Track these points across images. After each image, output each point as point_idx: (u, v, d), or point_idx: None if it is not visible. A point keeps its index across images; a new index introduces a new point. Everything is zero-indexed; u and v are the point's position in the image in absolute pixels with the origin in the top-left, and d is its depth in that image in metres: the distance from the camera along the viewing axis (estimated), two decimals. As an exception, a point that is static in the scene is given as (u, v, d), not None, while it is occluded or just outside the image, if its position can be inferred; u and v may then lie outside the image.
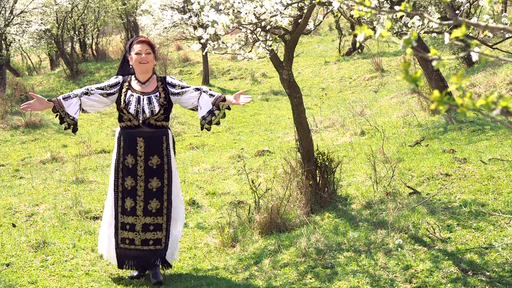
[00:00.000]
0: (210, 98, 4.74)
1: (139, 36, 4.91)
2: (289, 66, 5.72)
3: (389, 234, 4.92)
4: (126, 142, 4.78)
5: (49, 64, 20.55)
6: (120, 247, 4.83)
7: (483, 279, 4.20)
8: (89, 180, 7.76)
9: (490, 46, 5.41)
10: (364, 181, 6.28)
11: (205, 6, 4.82)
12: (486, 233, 4.77)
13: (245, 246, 5.28)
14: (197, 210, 6.44)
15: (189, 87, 4.82)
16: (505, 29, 1.88)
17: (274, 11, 4.82)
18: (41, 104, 4.72)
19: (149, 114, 4.74)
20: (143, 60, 4.76)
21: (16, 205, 6.76)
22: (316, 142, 7.03)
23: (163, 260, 4.85)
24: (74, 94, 4.80)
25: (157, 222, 4.80)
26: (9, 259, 5.26)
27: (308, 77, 16.02)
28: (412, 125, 8.64)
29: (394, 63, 15.10)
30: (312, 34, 20.60)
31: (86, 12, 18.54)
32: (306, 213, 5.61)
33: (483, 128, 7.72)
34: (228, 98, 4.72)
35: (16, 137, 10.93)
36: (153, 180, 4.78)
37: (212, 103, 4.73)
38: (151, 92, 4.80)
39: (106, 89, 4.83)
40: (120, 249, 4.84)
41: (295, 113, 5.85)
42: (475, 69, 11.03)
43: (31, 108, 4.72)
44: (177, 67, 18.05)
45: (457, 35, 1.81)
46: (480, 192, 5.50)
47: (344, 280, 4.44)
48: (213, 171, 7.86)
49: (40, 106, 4.72)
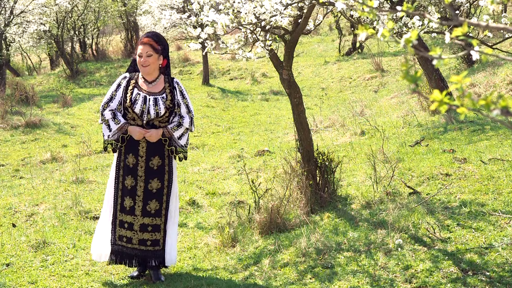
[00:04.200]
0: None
1: (144, 36, 4.82)
2: (289, 66, 5.72)
3: (389, 234, 4.92)
4: (128, 141, 4.77)
5: (49, 64, 20.55)
6: (117, 243, 4.83)
7: (483, 279, 4.20)
8: (89, 180, 7.76)
9: (490, 46, 5.40)
10: (364, 181, 6.28)
11: (204, 6, 4.82)
12: (486, 233, 4.77)
13: (245, 246, 5.28)
14: (197, 210, 6.44)
15: (185, 116, 4.82)
16: (505, 29, 1.88)
17: (274, 11, 4.82)
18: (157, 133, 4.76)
19: (154, 115, 4.72)
20: (144, 63, 4.73)
21: (16, 205, 6.76)
22: (316, 142, 7.03)
23: (161, 261, 4.84)
24: (114, 113, 4.80)
25: (155, 223, 4.79)
26: (9, 259, 5.26)
27: (308, 77, 16.02)
28: (412, 125, 8.64)
29: (394, 63, 15.10)
30: (312, 34, 20.60)
31: (86, 12, 18.54)
32: (306, 213, 5.61)
33: (483, 128, 7.72)
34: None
35: (16, 137, 10.93)
36: (153, 181, 4.77)
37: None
38: (158, 92, 4.76)
39: (115, 96, 4.81)
40: (117, 245, 4.83)
41: (295, 113, 5.85)
42: (475, 69, 11.03)
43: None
44: (177, 67, 18.04)
45: (458, 34, 1.81)
46: (480, 192, 5.50)
47: (344, 280, 4.44)
48: (213, 171, 7.86)
49: (157, 135, 4.74)
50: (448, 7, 1.87)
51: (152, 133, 4.70)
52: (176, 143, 4.80)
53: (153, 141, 4.73)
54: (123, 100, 4.76)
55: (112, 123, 4.73)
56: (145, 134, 4.69)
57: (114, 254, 4.85)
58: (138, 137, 4.70)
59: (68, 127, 11.85)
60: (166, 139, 4.77)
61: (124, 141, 4.75)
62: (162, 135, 4.74)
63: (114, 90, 4.80)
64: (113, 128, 4.73)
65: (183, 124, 4.78)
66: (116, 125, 4.72)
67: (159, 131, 4.71)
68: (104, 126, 4.78)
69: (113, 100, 4.78)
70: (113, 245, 4.85)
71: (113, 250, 4.85)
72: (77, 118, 12.68)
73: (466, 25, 1.78)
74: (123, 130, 4.73)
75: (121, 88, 4.79)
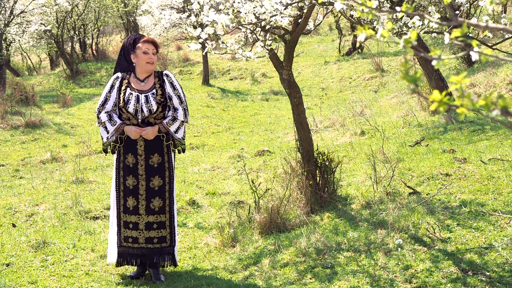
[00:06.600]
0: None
1: (143, 35, 4.90)
2: (289, 66, 5.72)
3: (389, 234, 4.92)
4: (125, 141, 4.78)
5: (49, 64, 20.55)
6: (123, 245, 4.84)
7: (483, 279, 4.20)
8: (89, 180, 7.76)
9: (489, 46, 5.40)
10: (364, 181, 6.28)
11: (204, 6, 4.82)
12: (486, 233, 4.77)
13: (245, 246, 5.28)
14: (197, 210, 6.44)
15: (178, 108, 4.82)
16: (505, 29, 1.88)
17: (274, 11, 4.82)
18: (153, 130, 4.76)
19: (147, 113, 4.73)
20: (151, 60, 4.77)
21: (16, 205, 6.76)
22: (316, 142, 7.03)
23: (172, 257, 4.85)
24: (109, 115, 4.80)
25: (160, 220, 4.81)
26: (9, 259, 5.26)
27: (308, 77, 16.03)
28: (412, 125, 8.64)
29: (394, 63, 15.10)
30: (312, 34, 20.60)
31: (86, 12, 18.54)
32: (306, 213, 5.61)
33: (483, 128, 7.72)
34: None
35: (16, 137, 10.93)
36: (155, 178, 4.78)
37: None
38: (148, 90, 4.79)
39: (110, 97, 4.82)
40: (122, 247, 4.84)
41: (295, 113, 5.85)
42: (475, 69, 11.03)
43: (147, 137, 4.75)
44: (177, 67, 18.05)
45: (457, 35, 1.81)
46: (480, 192, 5.50)
47: (344, 280, 4.44)
48: (213, 171, 7.86)
49: (153, 133, 4.75)
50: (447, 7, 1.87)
51: (148, 131, 4.71)
52: (174, 137, 4.81)
53: (150, 139, 4.74)
54: (117, 100, 4.78)
55: (108, 125, 4.75)
56: (142, 132, 4.71)
57: (121, 256, 4.85)
58: (135, 136, 4.71)
59: (68, 127, 11.85)
60: (163, 134, 4.78)
61: (122, 141, 4.76)
62: (159, 131, 4.75)
63: (108, 92, 4.82)
64: (110, 130, 4.75)
65: (177, 117, 4.80)
66: (113, 127, 4.74)
67: (155, 128, 4.73)
68: (102, 129, 4.80)
69: (108, 102, 4.80)
70: (119, 247, 4.85)
71: (120, 252, 4.85)
72: (77, 118, 12.69)
73: (466, 26, 1.78)
74: (120, 131, 4.75)
75: (115, 89, 4.81)
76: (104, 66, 18.59)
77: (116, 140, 4.78)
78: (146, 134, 4.72)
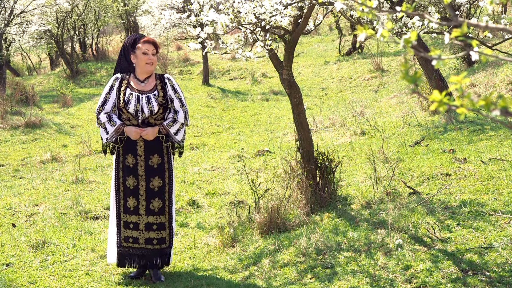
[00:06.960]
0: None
1: (144, 36, 4.89)
2: (289, 66, 5.72)
3: (389, 234, 4.92)
4: (125, 141, 4.78)
5: (49, 64, 20.56)
6: (123, 245, 4.84)
7: (483, 279, 4.20)
8: (89, 180, 7.76)
9: (489, 46, 5.39)
10: (364, 181, 6.28)
11: (204, 6, 4.82)
12: (486, 233, 4.77)
13: (245, 246, 5.28)
14: (197, 210, 6.44)
15: (179, 110, 4.82)
16: (505, 29, 1.88)
17: (274, 11, 4.82)
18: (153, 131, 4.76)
19: (148, 113, 4.73)
20: (150, 61, 4.77)
21: (16, 205, 6.76)
22: (316, 142, 7.03)
23: (167, 258, 4.86)
24: (109, 116, 4.80)
25: (160, 221, 4.81)
26: (9, 259, 5.26)
27: (308, 77, 16.03)
28: (412, 125, 8.64)
29: (394, 63, 15.10)
30: (312, 34, 20.60)
31: (86, 12, 18.54)
32: (306, 213, 5.61)
33: (483, 128, 7.72)
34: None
35: (16, 137, 10.93)
36: (155, 179, 4.79)
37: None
38: (149, 91, 4.79)
39: (109, 98, 4.81)
40: (122, 247, 4.84)
41: (295, 113, 5.85)
42: (475, 69, 11.03)
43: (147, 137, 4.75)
44: (177, 67, 18.05)
45: (457, 35, 1.81)
46: (480, 192, 5.50)
47: (344, 280, 4.44)
48: (213, 171, 7.86)
49: (153, 133, 4.75)
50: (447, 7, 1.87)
51: (148, 131, 4.71)
52: (173, 139, 4.82)
53: (150, 139, 4.74)
54: (116, 101, 4.78)
55: (108, 125, 4.75)
56: (142, 133, 4.71)
57: (121, 256, 4.85)
58: (135, 137, 4.71)
59: (68, 127, 11.86)
60: (163, 135, 4.78)
61: (121, 142, 4.76)
62: (159, 132, 4.75)
63: (107, 93, 4.82)
64: (110, 131, 4.75)
65: (178, 119, 4.80)
66: (113, 127, 4.73)
67: (155, 129, 4.73)
68: (102, 130, 4.80)
69: (107, 103, 4.80)
70: (119, 247, 4.85)
71: (120, 252, 4.85)
72: (77, 118, 12.69)
73: (466, 26, 1.78)
74: (120, 131, 4.74)
75: (114, 90, 4.81)
76: (104, 66, 18.59)
77: (115, 141, 4.78)
78: (146, 134, 4.72)
